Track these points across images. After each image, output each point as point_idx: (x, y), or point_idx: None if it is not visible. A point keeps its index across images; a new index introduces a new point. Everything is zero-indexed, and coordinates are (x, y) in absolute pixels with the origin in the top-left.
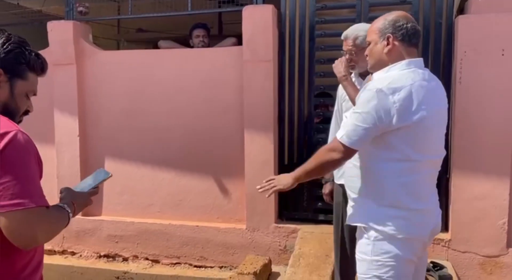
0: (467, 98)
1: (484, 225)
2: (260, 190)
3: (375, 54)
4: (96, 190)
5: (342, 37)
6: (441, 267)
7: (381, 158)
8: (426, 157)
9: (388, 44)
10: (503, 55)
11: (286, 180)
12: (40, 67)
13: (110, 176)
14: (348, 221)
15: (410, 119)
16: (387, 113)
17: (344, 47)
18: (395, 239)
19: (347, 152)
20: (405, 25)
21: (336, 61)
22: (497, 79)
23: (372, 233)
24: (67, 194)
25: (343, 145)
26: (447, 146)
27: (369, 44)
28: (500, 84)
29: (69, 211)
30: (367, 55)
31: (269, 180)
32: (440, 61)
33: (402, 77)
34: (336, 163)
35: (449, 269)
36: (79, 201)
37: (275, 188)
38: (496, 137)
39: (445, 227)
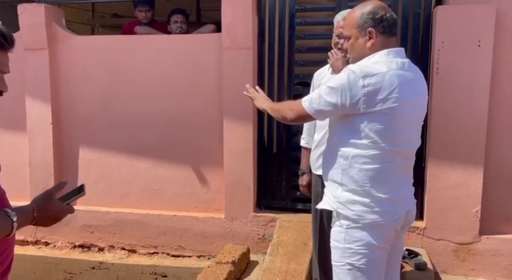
0: (444, 88)
1: (458, 213)
2: (245, 92)
3: (358, 49)
4: (72, 209)
5: (340, 19)
6: (416, 254)
7: (348, 142)
8: (395, 147)
9: (370, 38)
10: (479, 46)
11: (261, 103)
12: None
13: (83, 194)
14: (318, 206)
15: (377, 106)
16: (353, 95)
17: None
18: (366, 226)
19: (302, 116)
20: (384, 17)
21: (332, 58)
22: (473, 70)
23: (344, 221)
24: (37, 198)
25: (302, 109)
26: (423, 136)
27: (349, 38)
28: (476, 75)
29: (14, 220)
30: (347, 49)
31: (256, 91)
32: (418, 52)
33: (378, 64)
34: (287, 120)
35: (424, 256)
36: (46, 213)
37: (252, 99)
38: (471, 127)
39: (420, 215)
